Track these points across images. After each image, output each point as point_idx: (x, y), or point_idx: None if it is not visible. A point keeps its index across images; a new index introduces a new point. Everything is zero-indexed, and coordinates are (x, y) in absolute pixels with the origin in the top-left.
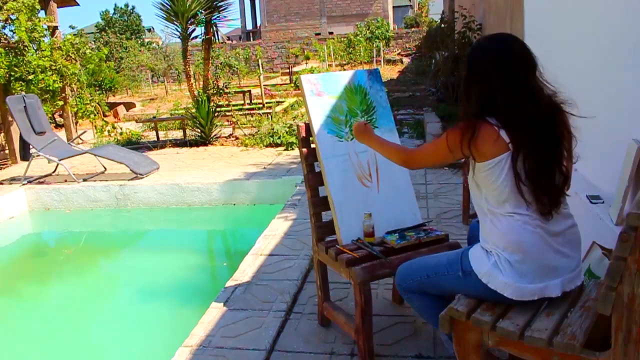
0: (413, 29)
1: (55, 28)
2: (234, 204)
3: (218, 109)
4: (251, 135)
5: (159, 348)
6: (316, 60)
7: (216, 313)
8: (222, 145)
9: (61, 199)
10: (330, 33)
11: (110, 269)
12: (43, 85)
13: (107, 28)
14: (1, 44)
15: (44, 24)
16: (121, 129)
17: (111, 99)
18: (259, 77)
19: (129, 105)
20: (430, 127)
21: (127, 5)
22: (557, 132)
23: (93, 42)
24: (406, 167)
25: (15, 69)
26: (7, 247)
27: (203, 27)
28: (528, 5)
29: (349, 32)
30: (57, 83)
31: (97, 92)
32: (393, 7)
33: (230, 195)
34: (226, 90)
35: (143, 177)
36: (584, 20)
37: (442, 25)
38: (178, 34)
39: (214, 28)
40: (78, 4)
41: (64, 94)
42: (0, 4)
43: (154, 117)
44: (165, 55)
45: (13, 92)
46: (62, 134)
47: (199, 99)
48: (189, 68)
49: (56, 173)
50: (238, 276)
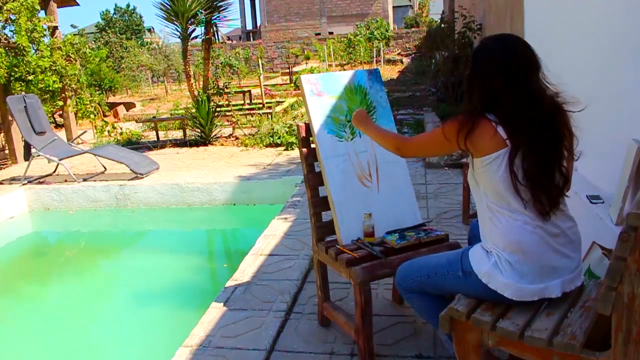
0: (413, 29)
1: (55, 28)
2: (234, 204)
3: (218, 109)
4: (251, 135)
5: (159, 348)
6: (316, 60)
7: (216, 313)
8: (222, 145)
9: (61, 199)
10: (330, 33)
11: (110, 269)
12: (43, 85)
13: (107, 28)
14: (1, 44)
15: (44, 24)
16: (121, 129)
17: (111, 99)
18: (259, 77)
19: (129, 105)
20: (430, 127)
21: (127, 5)
22: (558, 132)
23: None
24: (400, 155)
25: (15, 69)
26: (7, 247)
27: (203, 27)
28: (528, 5)
29: (349, 32)
30: (57, 83)
31: (97, 92)
32: (393, 7)
33: (230, 195)
34: (226, 90)
35: (143, 177)
36: (584, 20)
37: (442, 25)
38: (178, 34)
39: (214, 28)
40: (78, 4)
41: (63, 94)
42: (0, 4)
43: (154, 117)
44: (165, 55)
45: (13, 92)
46: (62, 134)
47: (199, 99)
48: (189, 68)
49: (56, 173)
50: (238, 276)
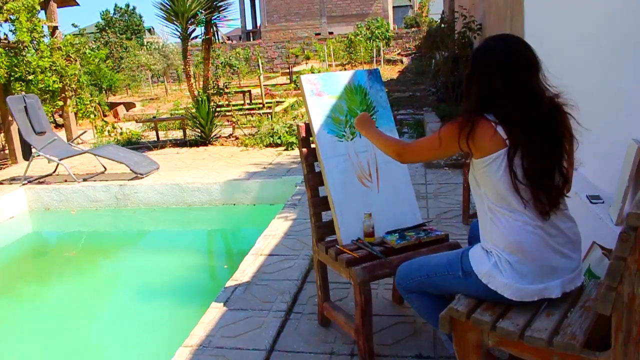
0: (413, 29)
1: (55, 28)
2: (234, 204)
3: (218, 109)
4: (251, 135)
5: (159, 348)
6: (316, 60)
7: (216, 313)
8: (222, 145)
9: (61, 199)
10: (330, 33)
11: (110, 269)
12: (43, 85)
13: (107, 28)
14: (1, 44)
15: (44, 24)
16: (121, 129)
17: (111, 99)
18: (259, 77)
19: (129, 105)
20: (430, 127)
21: (127, 5)
22: (558, 133)
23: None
24: (400, 161)
25: (15, 69)
26: (7, 247)
27: (203, 27)
28: (528, 5)
29: (349, 32)
30: (57, 83)
31: (97, 92)
32: (393, 7)
33: (230, 195)
34: (226, 90)
35: (143, 177)
36: (584, 20)
37: (442, 25)
38: (178, 34)
39: (214, 28)
40: (78, 4)
41: (64, 94)
42: (0, 4)
43: (154, 117)
44: (165, 55)
45: (13, 92)
46: (62, 134)
47: (199, 99)
48: (189, 68)
49: (56, 173)
50: (238, 276)
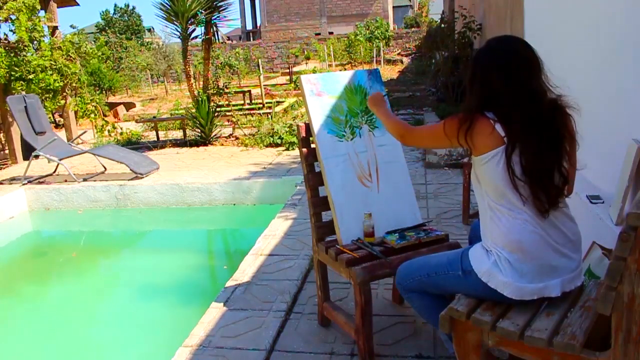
0: (413, 29)
1: (55, 28)
2: (234, 204)
3: (218, 109)
4: (251, 135)
5: (159, 348)
6: (316, 60)
7: (216, 313)
8: (222, 145)
9: (61, 199)
10: (330, 33)
11: (110, 269)
12: (44, 84)
13: (107, 28)
14: (1, 44)
15: (44, 24)
16: (121, 129)
17: (111, 99)
18: (259, 77)
19: (129, 105)
20: None
21: (127, 5)
22: (558, 133)
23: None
24: (402, 142)
25: (16, 68)
26: (7, 247)
27: (203, 27)
28: (528, 5)
29: (349, 32)
30: (58, 82)
31: (97, 92)
32: (393, 7)
33: (230, 195)
34: (226, 90)
35: (143, 177)
36: (584, 20)
37: (442, 25)
38: (178, 34)
39: (214, 28)
40: (78, 4)
41: (64, 94)
42: (0, 4)
43: (154, 117)
44: (165, 56)
45: (13, 91)
46: (62, 134)
47: (199, 99)
48: (189, 68)
49: (56, 173)
50: (238, 276)
